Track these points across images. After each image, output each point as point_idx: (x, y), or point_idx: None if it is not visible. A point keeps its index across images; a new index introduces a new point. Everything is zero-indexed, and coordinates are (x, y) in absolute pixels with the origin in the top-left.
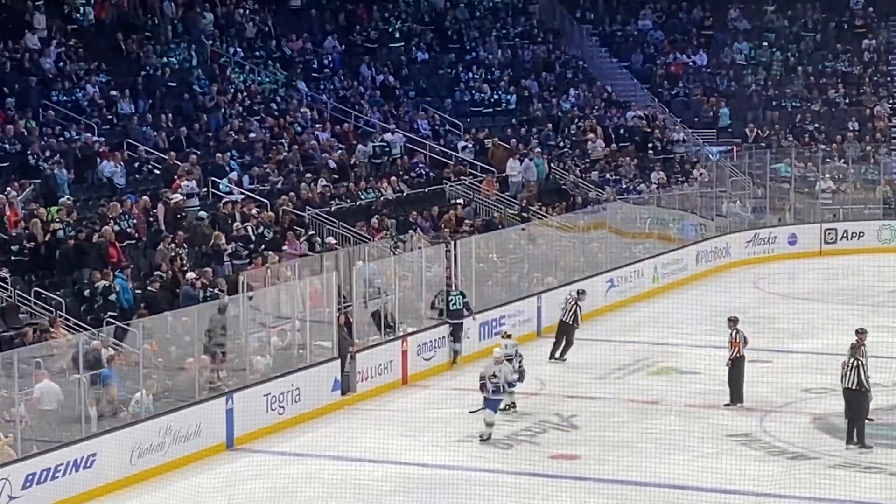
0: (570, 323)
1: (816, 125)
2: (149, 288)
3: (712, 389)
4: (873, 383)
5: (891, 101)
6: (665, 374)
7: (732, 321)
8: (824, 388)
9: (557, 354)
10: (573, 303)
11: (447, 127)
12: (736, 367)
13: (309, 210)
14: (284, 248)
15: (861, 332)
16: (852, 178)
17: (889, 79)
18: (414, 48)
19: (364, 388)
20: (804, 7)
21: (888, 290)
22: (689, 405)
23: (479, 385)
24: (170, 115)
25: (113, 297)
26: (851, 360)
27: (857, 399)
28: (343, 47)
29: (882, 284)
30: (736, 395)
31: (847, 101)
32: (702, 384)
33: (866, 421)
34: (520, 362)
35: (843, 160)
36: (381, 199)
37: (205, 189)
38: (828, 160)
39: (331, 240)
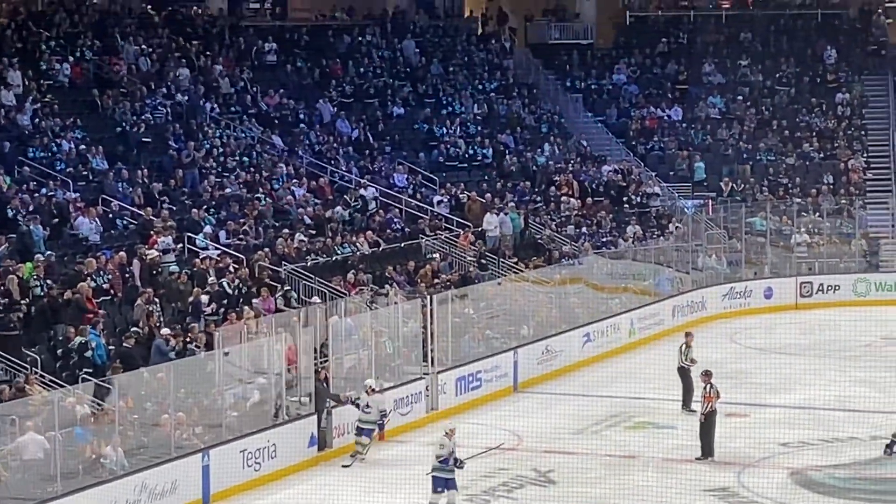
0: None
1: (791, 179)
2: (124, 344)
3: (689, 444)
4: (849, 436)
5: (865, 155)
6: (642, 429)
7: (706, 375)
8: (802, 442)
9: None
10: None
11: (421, 180)
12: (708, 422)
13: (285, 265)
14: (257, 302)
15: None
16: (827, 231)
17: (863, 132)
18: (390, 103)
19: (341, 444)
20: (778, 61)
21: (864, 343)
22: (667, 459)
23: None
24: (145, 170)
25: (89, 353)
26: None
27: None
28: (320, 102)
29: (858, 338)
30: (707, 449)
31: (821, 154)
32: (678, 438)
33: None
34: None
35: (818, 214)
36: (358, 253)
37: (181, 245)
38: (803, 214)
39: (316, 299)
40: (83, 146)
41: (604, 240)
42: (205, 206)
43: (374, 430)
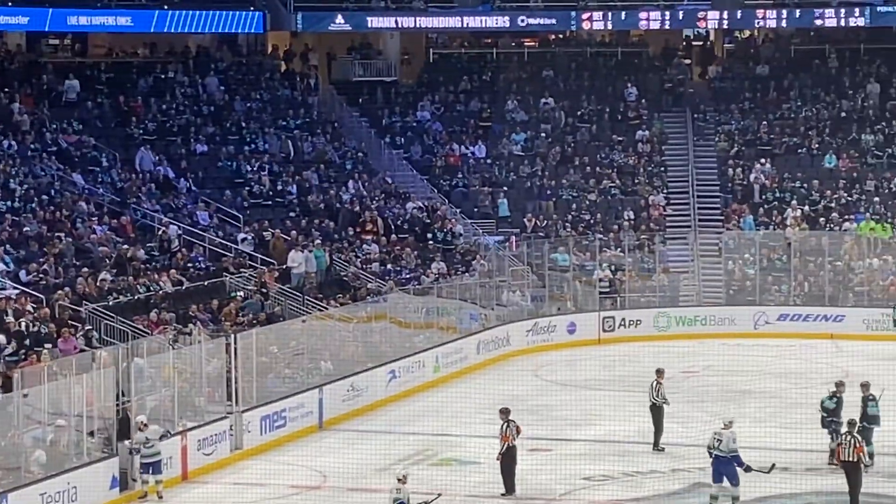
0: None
1: (593, 215)
2: None
3: (494, 479)
4: (651, 469)
5: (665, 191)
6: (447, 465)
7: (504, 413)
8: (604, 475)
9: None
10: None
11: (225, 218)
12: (507, 458)
13: (86, 304)
14: (51, 345)
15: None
16: (629, 266)
17: (663, 169)
18: (193, 140)
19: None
20: (579, 99)
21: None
22: (471, 495)
23: None
24: None
25: None
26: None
27: None
28: (121, 140)
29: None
30: (509, 486)
31: (622, 190)
32: (483, 474)
33: None
34: None
35: (619, 249)
36: (160, 292)
37: None
38: (605, 249)
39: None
40: None
41: (408, 276)
42: (2, 245)
43: (160, 463)
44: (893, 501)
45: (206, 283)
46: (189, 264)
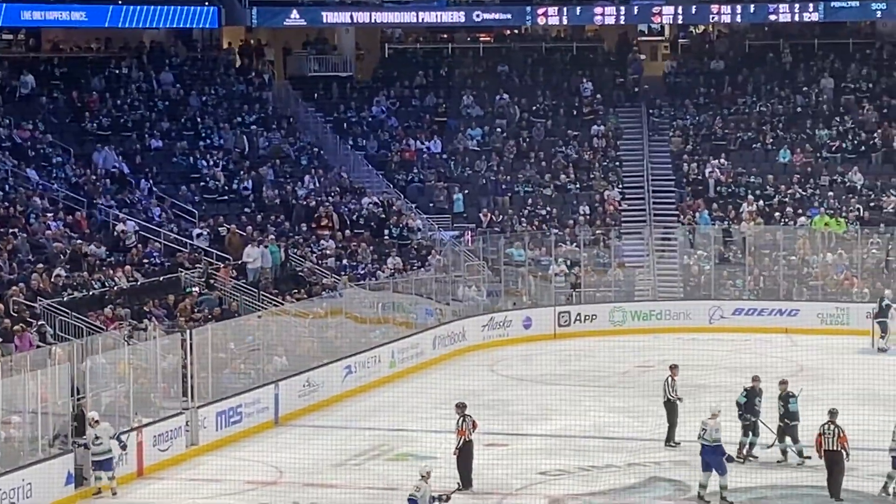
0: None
1: (548, 210)
2: None
3: (450, 474)
4: (606, 464)
5: (620, 186)
6: (403, 460)
7: (460, 407)
8: (560, 470)
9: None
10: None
11: (181, 213)
12: (464, 453)
13: (41, 300)
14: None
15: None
16: (584, 261)
17: (618, 164)
18: (148, 136)
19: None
20: (535, 94)
21: (621, 371)
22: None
23: None
24: None
25: None
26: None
27: None
28: (75, 135)
29: (615, 366)
30: (465, 481)
31: (578, 186)
32: (440, 469)
33: None
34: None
35: (575, 244)
36: (115, 288)
37: None
38: (560, 244)
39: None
40: None
41: (364, 272)
42: None
43: (111, 461)
44: (871, 501)
45: (161, 279)
46: (144, 260)
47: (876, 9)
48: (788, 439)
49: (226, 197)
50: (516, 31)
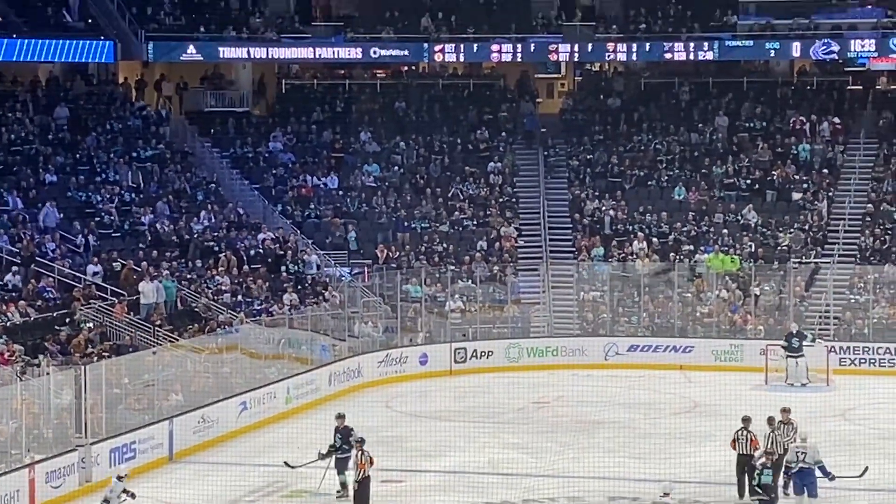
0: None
1: (445, 246)
2: None
3: None
4: (502, 500)
5: (517, 223)
6: (298, 497)
7: (359, 442)
8: None
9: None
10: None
11: (75, 248)
12: (362, 488)
13: None
14: None
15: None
16: (481, 297)
17: (515, 200)
18: (42, 170)
19: None
20: (432, 130)
21: (516, 408)
22: None
23: None
24: None
25: None
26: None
27: None
28: None
29: (511, 402)
30: None
31: (475, 222)
32: None
33: None
34: None
35: (471, 280)
36: (8, 323)
37: None
38: (457, 280)
39: None
40: None
41: (260, 307)
42: None
43: None
44: None
45: (55, 314)
46: (38, 295)
47: (770, 48)
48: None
49: (121, 232)
50: (414, 68)
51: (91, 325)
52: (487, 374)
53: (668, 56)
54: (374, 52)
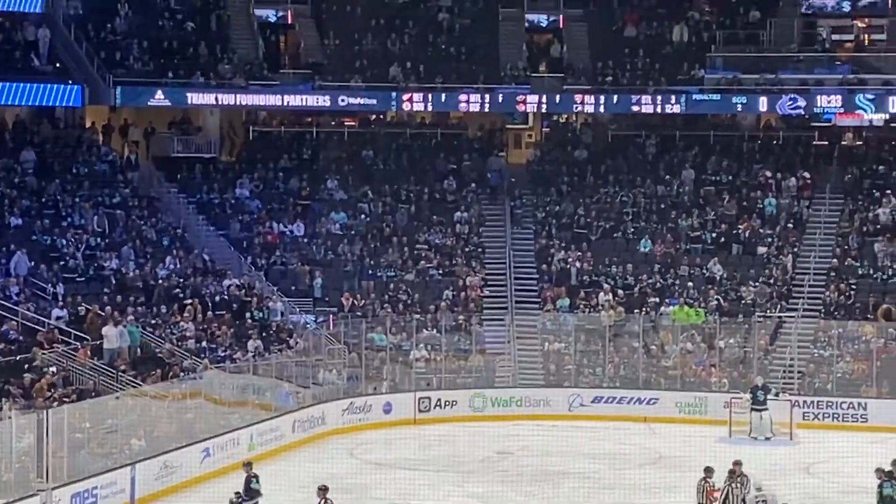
0: None
1: (410, 295)
2: None
3: None
4: None
5: (483, 273)
6: None
7: (322, 490)
8: None
9: None
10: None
11: (39, 292)
12: None
13: None
14: None
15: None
16: (445, 347)
17: (481, 250)
18: (7, 213)
19: None
20: (399, 179)
21: (480, 458)
22: None
23: None
24: None
25: None
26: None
27: None
28: None
29: (474, 452)
30: None
31: (441, 271)
32: None
33: None
34: None
35: (436, 329)
36: None
37: None
38: (422, 329)
39: None
40: None
41: (224, 354)
42: None
43: None
44: None
45: (17, 358)
46: (1, 338)
47: (736, 102)
48: None
49: (85, 277)
50: (381, 117)
51: (54, 369)
52: (451, 423)
53: (635, 108)
54: (343, 101)
